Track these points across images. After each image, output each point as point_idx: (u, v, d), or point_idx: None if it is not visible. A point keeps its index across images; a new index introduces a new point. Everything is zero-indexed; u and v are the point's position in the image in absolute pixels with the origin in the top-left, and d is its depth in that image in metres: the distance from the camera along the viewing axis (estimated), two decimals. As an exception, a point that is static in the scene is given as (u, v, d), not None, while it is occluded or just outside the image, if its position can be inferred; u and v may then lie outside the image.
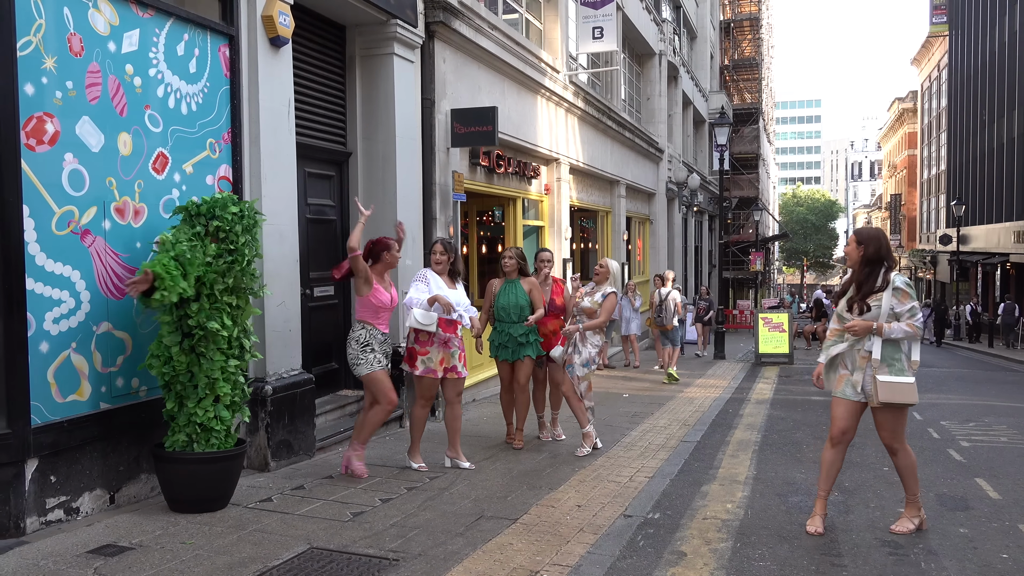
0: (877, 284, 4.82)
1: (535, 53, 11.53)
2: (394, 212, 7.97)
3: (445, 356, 6.22)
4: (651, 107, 21.11)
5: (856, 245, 4.91)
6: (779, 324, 16.80)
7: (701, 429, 8.40)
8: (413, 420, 6.40)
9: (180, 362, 4.89)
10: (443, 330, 6.17)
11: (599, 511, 5.23)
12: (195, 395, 4.96)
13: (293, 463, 6.25)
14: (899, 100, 56.96)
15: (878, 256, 4.85)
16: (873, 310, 4.79)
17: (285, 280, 6.37)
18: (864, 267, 4.89)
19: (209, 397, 4.98)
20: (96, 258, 4.93)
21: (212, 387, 4.97)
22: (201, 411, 4.95)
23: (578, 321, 6.96)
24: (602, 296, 6.93)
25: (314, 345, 7.37)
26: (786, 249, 75.85)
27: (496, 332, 7.13)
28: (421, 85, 8.59)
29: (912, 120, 54.13)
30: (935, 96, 47.11)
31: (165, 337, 4.91)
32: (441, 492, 5.62)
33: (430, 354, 6.19)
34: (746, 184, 39.22)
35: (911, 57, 51.00)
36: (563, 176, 13.15)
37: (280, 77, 6.33)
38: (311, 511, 5.08)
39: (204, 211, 5.03)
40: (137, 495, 5.22)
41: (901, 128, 56.86)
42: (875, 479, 6.42)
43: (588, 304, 6.94)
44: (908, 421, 5.16)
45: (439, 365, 6.21)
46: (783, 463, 6.96)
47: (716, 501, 5.65)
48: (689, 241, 26.39)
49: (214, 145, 5.87)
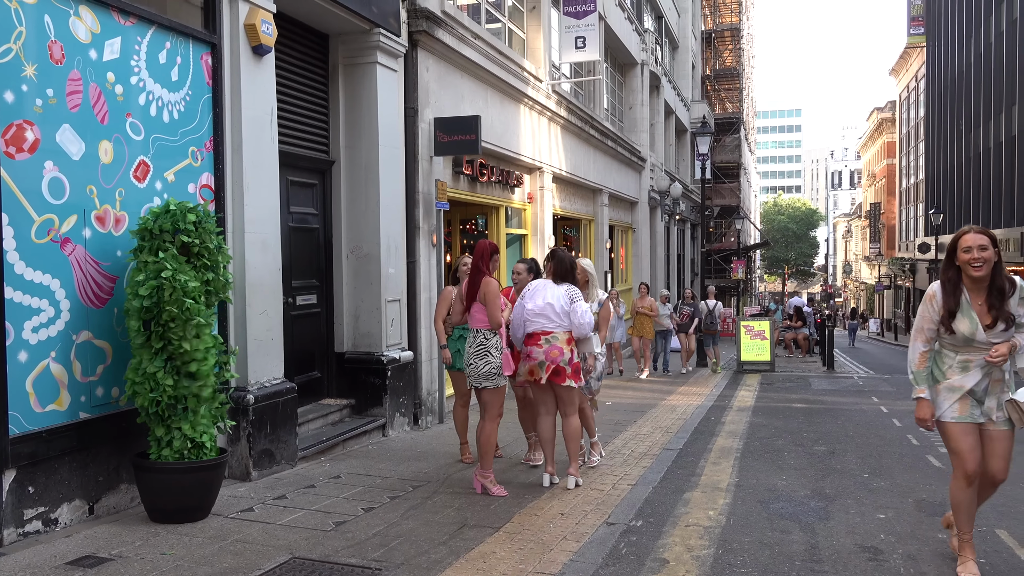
0: (1007, 290, 4.05)
1: (518, 62, 11.58)
2: (377, 220, 7.97)
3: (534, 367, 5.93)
4: (633, 116, 21.24)
5: (992, 246, 4.04)
6: (761, 332, 16.91)
7: (683, 437, 8.44)
8: (545, 433, 6.08)
9: (168, 386, 4.84)
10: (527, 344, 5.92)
11: (582, 519, 5.24)
12: (185, 416, 4.93)
13: (275, 472, 6.22)
14: (878, 110, 57.62)
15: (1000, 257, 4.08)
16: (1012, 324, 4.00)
17: (268, 289, 6.35)
18: (997, 272, 4.04)
19: (199, 415, 4.95)
20: (76, 267, 4.90)
21: (200, 405, 4.95)
22: (191, 428, 4.93)
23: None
24: (598, 304, 6.58)
25: (296, 354, 7.35)
26: (768, 257, 76.43)
27: (453, 340, 6.83)
28: (404, 94, 8.61)
29: (891, 130, 54.76)
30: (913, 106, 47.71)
31: (146, 363, 4.84)
32: (424, 501, 5.61)
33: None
34: (728, 193, 39.51)
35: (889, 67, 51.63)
36: (546, 185, 13.20)
37: (263, 85, 6.33)
38: (293, 521, 5.05)
39: (167, 226, 4.88)
40: (117, 505, 5.17)
41: (880, 138, 57.50)
42: (855, 486, 6.47)
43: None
44: (887, 428, 5.19)
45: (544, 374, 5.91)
46: (765, 470, 7.01)
47: (698, 508, 5.67)
48: (671, 249, 26.54)
49: (196, 153, 5.85)
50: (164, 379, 4.82)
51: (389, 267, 8.15)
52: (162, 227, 4.88)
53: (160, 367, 4.83)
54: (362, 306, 8.09)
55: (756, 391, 13.18)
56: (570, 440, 6.00)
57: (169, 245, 4.88)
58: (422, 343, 8.77)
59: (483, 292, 5.81)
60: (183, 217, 4.92)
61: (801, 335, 23.03)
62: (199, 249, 4.97)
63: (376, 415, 7.93)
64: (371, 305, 8.05)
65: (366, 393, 7.99)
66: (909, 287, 45.51)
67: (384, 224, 8.04)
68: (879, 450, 8.04)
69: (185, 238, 4.90)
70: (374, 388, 7.97)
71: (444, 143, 9.06)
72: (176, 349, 4.83)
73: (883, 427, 9.49)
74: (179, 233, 4.90)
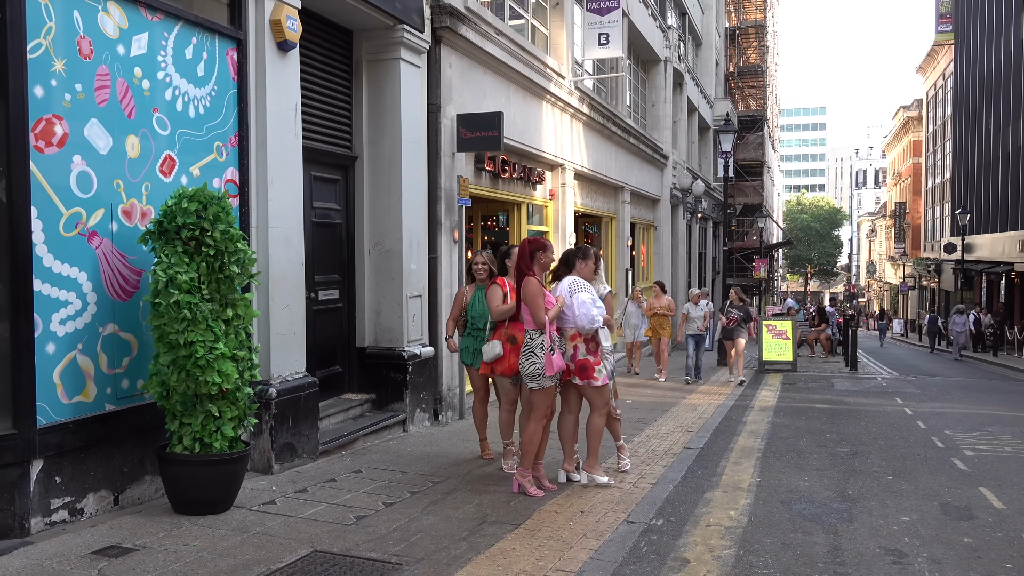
0: None
1: (541, 59, 11.56)
2: (399, 216, 8.00)
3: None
4: (656, 113, 21.14)
5: None
6: (783, 331, 16.79)
7: (704, 436, 8.40)
8: (565, 431, 6.14)
9: (177, 382, 4.82)
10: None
11: (602, 517, 5.23)
12: (194, 413, 4.92)
13: (296, 466, 6.26)
14: (904, 108, 56.92)
15: None
16: None
17: (290, 283, 6.39)
18: None
19: (209, 416, 4.92)
20: (103, 260, 4.95)
21: (210, 407, 4.90)
22: (200, 428, 4.92)
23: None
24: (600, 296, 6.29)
25: (318, 348, 7.39)
26: (790, 256, 75.80)
27: (470, 338, 6.79)
28: (427, 90, 8.62)
29: (917, 128, 54.10)
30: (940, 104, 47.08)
31: (162, 356, 4.85)
32: (444, 496, 5.62)
33: (602, 363, 5.91)
34: (750, 191, 39.21)
35: (916, 65, 50.99)
36: (568, 181, 13.17)
37: (287, 81, 6.36)
38: (314, 514, 5.09)
39: (181, 223, 4.80)
40: (141, 496, 5.23)
41: (906, 136, 56.82)
42: (879, 488, 6.41)
43: None
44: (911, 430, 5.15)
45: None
46: (787, 471, 6.96)
47: (719, 508, 5.64)
48: (693, 248, 26.38)
49: (221, 148, 5.90)
50: (170, 374, 4.83)
51: (411, 263, 8.17)
52: (172, 220, 4.82)
53: (169, 361, 4.84)
54: (383, 301, 8.12)
55: (778, 391, 13.08)
56: (591, 437, 5.99)
57: (176, 239, 4.83)
58: (443, 339, 8.79)
59: (524, 293, 5.80)
60: (180, 207, 4.80)
61: (823, 335, 22.85)
62: (204, 238, 4.84)
63: (397, 410, 7.96)
64: (392, 300, 8.08)
65: (387, 388, 8.02)
66: (934, 288, 44.99)
67: (406, 220, 8.07)
68: (903, 452, 7.96)
69: (187, 232, 4.80)
70: (395, 383, 7.99)
71: (466, 139, 9.06)
72: (175, 342, 4.78)
73: (907, 429, 9.39)
74: (183, 228, 4.81)
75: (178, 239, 4.84)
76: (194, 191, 4.91)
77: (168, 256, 4.78)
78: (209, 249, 4.87)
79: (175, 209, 4.85)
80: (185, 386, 4.83)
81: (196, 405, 4.92)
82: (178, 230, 4.84)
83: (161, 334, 4.83)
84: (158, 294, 4.75)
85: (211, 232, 4.88)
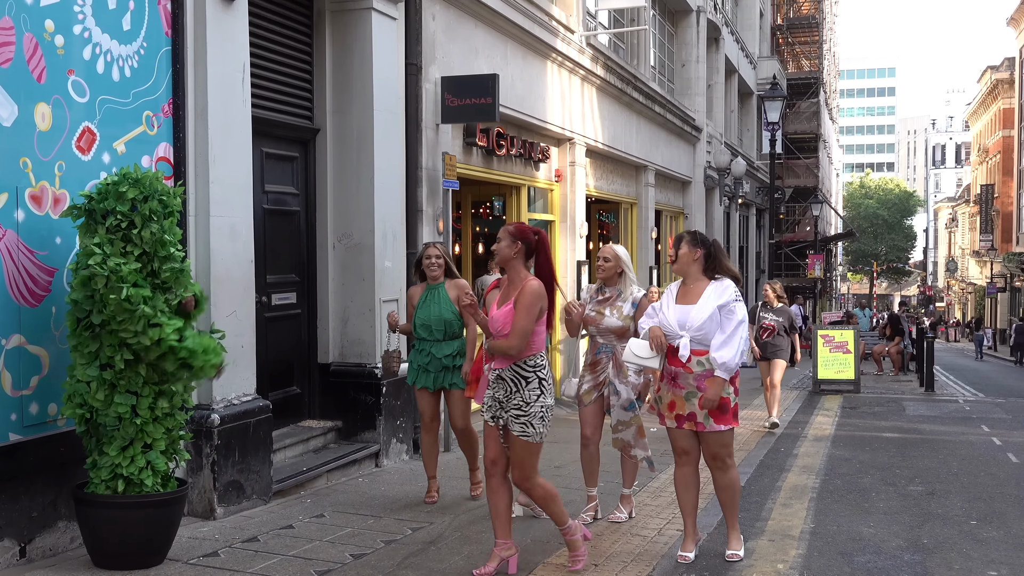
0: None
1: (545, 9, 11.59)
2: (371, 202, 8.01)
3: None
4: (686, 76, 21.18)
5: None
6: (843, 343, 16.76)
7: (746, 472, 8.41)
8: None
9: (98, 400, 4.82)
10: None
11: (619, 572, 5.24)
12: (119, 441, 4.91)
13: (245, 509, 6.27)
14: (992, 69, 57.05)
15: None
16: None
17: (237, 285, 6.40)
18: None
19: (137, 444, 4.93)
20: (6, 256, 4.96)
21: (141, 432, 4.92)
22: (126, 461, 4.90)
23: (605, 349, 6.28)
24: (632, 306, 6.17)
25: (272, 365, 7.40)
26: (852, 251, 75.94)
27: (416, 352, 6.79)
28: (405, 47, 8.63)
29: (1008, 94, 54.20)
30: (1036, 64, 47.20)
31: (78, 369, 4.86)
32: (426, 547, 5.63)
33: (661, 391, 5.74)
34: (803, 171, 39.29)
35: (1007, 17, 51.12)
36: (578, 160, 13.20)
37: (233, 37, 6.38)
38: (267, 569, 5.09)
39: (109, 208, 4.83)
40: (54, 547, 5.24)
41: (994, 104, 56.94)
42: (960, 535, 6.42)
43: (616, 322, 6.17)
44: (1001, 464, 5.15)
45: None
46: (847, 515, 6.97)
47: (764, 560, 5.66)
48: (732, 240, 26.45)
49: (152, 119, 5.91)
50: (95, 392, 4.81)
51: (385, 259, 8.19)
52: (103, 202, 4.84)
53: (95, 375, 4.84)
54: (352, 307, 8.13)
55: (836, 416, 13.10)
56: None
57: (99, 223, 4.84)
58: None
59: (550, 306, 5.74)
60: (117, 191, 4.83)
61: (894, 348, 22.90)
62: (131, 233, 4.84)
63: (368, 441, 7.97)
64: (363, 306, 8.09)
65: (356, 414, 8.03)
66: (1029, 289, 45.06)
67: (379, 207, 8.08)
68: (991, 491, 7.98)
69: (112, 220, 4.82)
70: (366, 407, 8.01)
71: (454, 108, 9.08)
72: (131, 348, 4.80)
73: (996, 463, 9.41)
74: (110, 214, 4.83)
75: (101, 225, 4.85)
76: (141, 176, 4.94)
77: (100, 243, 4.77)
78: (135, 249, 4.87)
79: (110, 191, 4.86)
80: (119, 407, 4.82)
81: (118, 429, 4.90)
82: (104, 215, 4.86)
83: (79, 342, 4.83)
84: (92, 290, 4.71)
85: (140, 230, 4.86)
